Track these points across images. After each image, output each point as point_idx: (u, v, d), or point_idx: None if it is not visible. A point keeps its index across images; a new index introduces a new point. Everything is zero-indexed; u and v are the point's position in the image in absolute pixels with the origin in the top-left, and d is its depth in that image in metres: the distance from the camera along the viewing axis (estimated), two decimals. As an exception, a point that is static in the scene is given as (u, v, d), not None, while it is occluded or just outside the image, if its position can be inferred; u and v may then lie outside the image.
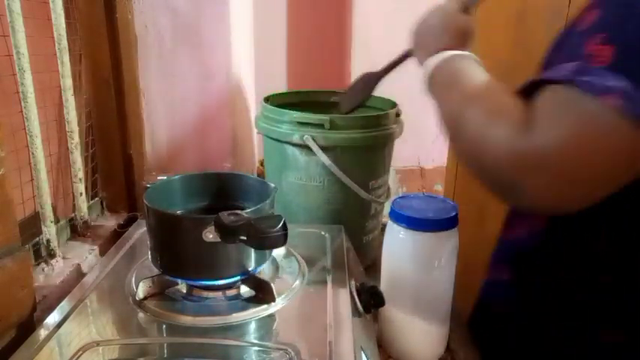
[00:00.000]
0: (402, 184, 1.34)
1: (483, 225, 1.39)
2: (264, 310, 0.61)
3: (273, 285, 0.62)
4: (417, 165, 1.33)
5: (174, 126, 1.09)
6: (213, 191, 0.75)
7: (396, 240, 0.74)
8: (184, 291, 0.65)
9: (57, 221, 0.86)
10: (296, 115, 0.88)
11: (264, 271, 0.69)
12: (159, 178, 0.75)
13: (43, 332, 0.56)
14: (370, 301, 0.68)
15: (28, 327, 0.65)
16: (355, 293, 0.67)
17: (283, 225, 0.55)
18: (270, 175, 0.98)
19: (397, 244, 0.74)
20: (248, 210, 0.60)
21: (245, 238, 0.55)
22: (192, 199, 0.74)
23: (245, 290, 0.65)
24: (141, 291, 0.62)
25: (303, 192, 0.92)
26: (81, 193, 0.93)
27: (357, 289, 0.68)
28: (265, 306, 0.61)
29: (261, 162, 1.26)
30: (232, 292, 0.64)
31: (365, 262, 0.96)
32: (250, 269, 0.64)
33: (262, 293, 0.63)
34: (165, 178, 0.74)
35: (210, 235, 0.58)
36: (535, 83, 0.49)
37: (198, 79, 1.06)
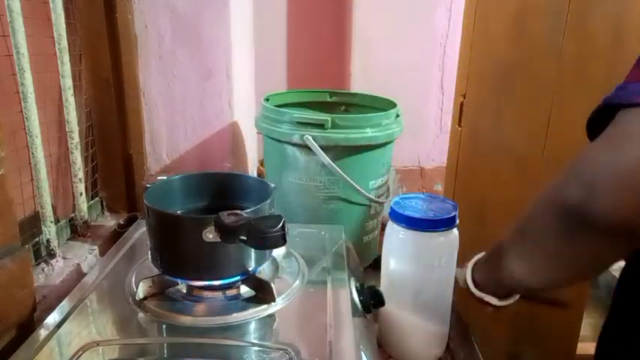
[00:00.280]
0: (402, 184, 1.34)
1: (483, 225, 1.39)
2: (264, 310, 0.61)
3: (273, 285, 0.62)
4: (417, 165, 1.33)
5: (174, 126, 1.09)
6: (213, 191, 0.75)
7: (396, 240, 0.74)
8: (184, 291, 0.65)
9: (57, 221, 0.86)
10: (296, 115, 0.88)
11: (264, 271, 0.69)
12: (159, 178, 0.75)
13: (43, 332, 0.56)
14: (370, 301, 0.68)
15: (28, 327, 0.65)
16: (355, 293, 0.67)
17: (283, 225, 0.55)
18: (270, 175, 0.98)
19: (397, 244, 0.75)
20: (248, 210, 0.60)
21: (245, 238, 0.55)
22: (192, 199, 0.74)
23: (245, 290, 0.65)
24: (141, 291, 0.62)
25: (303, 192, 0.92)
26: (81, 193, 0.93)
27: (357, 289, 0.68)
28: (265, 306, 0.61)
29: (261, 162, 1.26)
30: (232, 292, 0.64)
31: (365, 262, 0.96)
32: (250, 269, 0.64)
33: (262, 293, 0.63)
34: (165, 178, 0.73)
35: (210, 235, 0.58)
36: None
37: (198, 79, 1.06)
